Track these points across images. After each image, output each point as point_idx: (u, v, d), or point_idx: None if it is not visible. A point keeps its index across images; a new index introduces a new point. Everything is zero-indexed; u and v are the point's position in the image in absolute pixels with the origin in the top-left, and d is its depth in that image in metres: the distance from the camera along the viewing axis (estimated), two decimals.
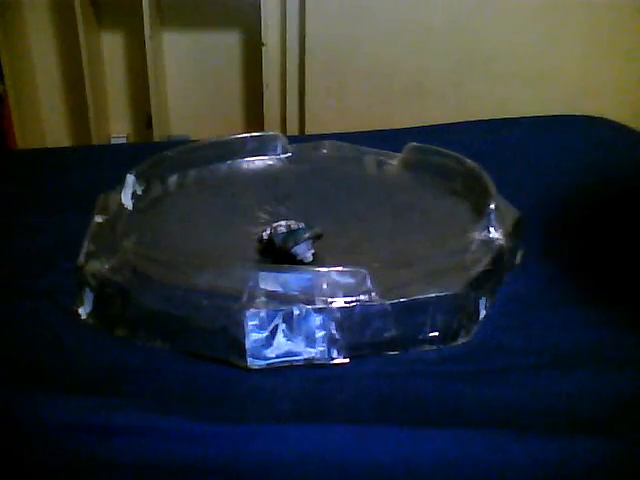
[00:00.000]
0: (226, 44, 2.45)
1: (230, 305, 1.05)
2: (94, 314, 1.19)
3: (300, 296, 1.07)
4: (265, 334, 1.04)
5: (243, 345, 1.03)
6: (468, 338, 1.13)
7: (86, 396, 0.95)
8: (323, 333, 1.05)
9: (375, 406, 0.97)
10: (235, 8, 2.39)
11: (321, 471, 0.85)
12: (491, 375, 1.04)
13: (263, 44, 2.22)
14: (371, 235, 1.42)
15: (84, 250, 1.30)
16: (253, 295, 1.06)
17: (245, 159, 1.77)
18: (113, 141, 2.51)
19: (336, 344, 1.06)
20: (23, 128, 2.34)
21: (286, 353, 1.04)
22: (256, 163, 1.78)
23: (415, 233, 1.41)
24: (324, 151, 1.82)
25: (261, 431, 0.88)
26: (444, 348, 1.11)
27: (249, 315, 1.03)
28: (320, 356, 1.05)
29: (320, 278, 1.09)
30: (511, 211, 1.41)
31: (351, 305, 1.06)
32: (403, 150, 1.75)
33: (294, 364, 1.05)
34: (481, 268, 1.19)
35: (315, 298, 1.07)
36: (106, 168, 1.78)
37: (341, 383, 1.03)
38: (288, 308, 1.04)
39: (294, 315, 1.04)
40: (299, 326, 1.05)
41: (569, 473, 0.85)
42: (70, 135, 2.58)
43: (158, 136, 2.36)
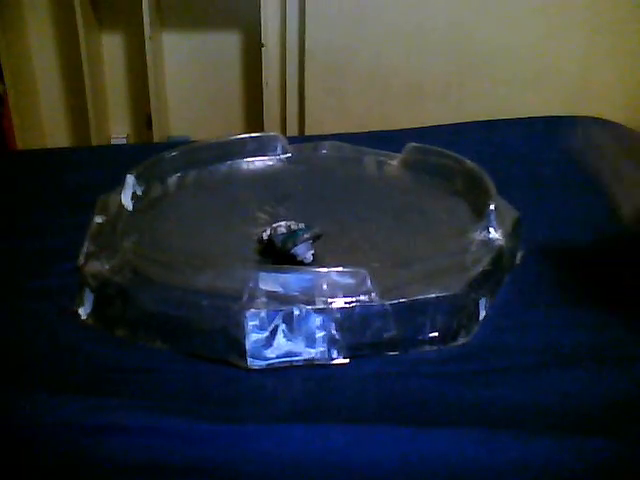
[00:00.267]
0: (226, 45, 2.45)
1: (230, 305, 1.05)
2: (94, 314, 1.19)
3: (300, 296, 1.07)
4: (265, 334, 1.04)
5: (243, 345, 1.03)
6: (468, 338, 1.13)
7: (86, 396, 0.95)
8: (323, 333, 1.05)
9: (375, 406, 0.98)
10: (235, 9, 2.39)
11: (321, 471, 0.85)
12: (491, 375, 1.04)
13: (263, 45, 2.22)
14: (371, 235, 1.41)
15: (84, 250, 1.30)
16: (253, 295, 1.06)
17: (245, 160, 1.77)
18: (113, 142, 2.51)
19: (336, 344, 1.06)
20: (23, 128, 2.34)
21: (286, 353, 1.04)
22: (256, 164, 1.78)
23: (415, 233, 1.41)
24: (324, 152, 1.82)
25: (261, 431, 0.88)
26: (444, 348, 1.11)
27: (249, 315, 1.03)
28: (320, 356, 1.05)
29: (320, 278, 1.09)
30: (511, 211, 1.41)
31: (351, 305, 1.06)
32: (403, 151, 1.75)
33: (294, 364, 1.05)
34: (481, 268, 1.19)
35: (315, 298, 1.07)
36: (106, 169, 1.78)
37: (341, 383, 1.03)
38: (288, 308, 1.05)
39: (294, 315, 1.04)
40: (299, 326, 1.05)
41: (569, 473, 0.85)
42: (70, 136, 2.58)
43: (158, 137, 2.36)
